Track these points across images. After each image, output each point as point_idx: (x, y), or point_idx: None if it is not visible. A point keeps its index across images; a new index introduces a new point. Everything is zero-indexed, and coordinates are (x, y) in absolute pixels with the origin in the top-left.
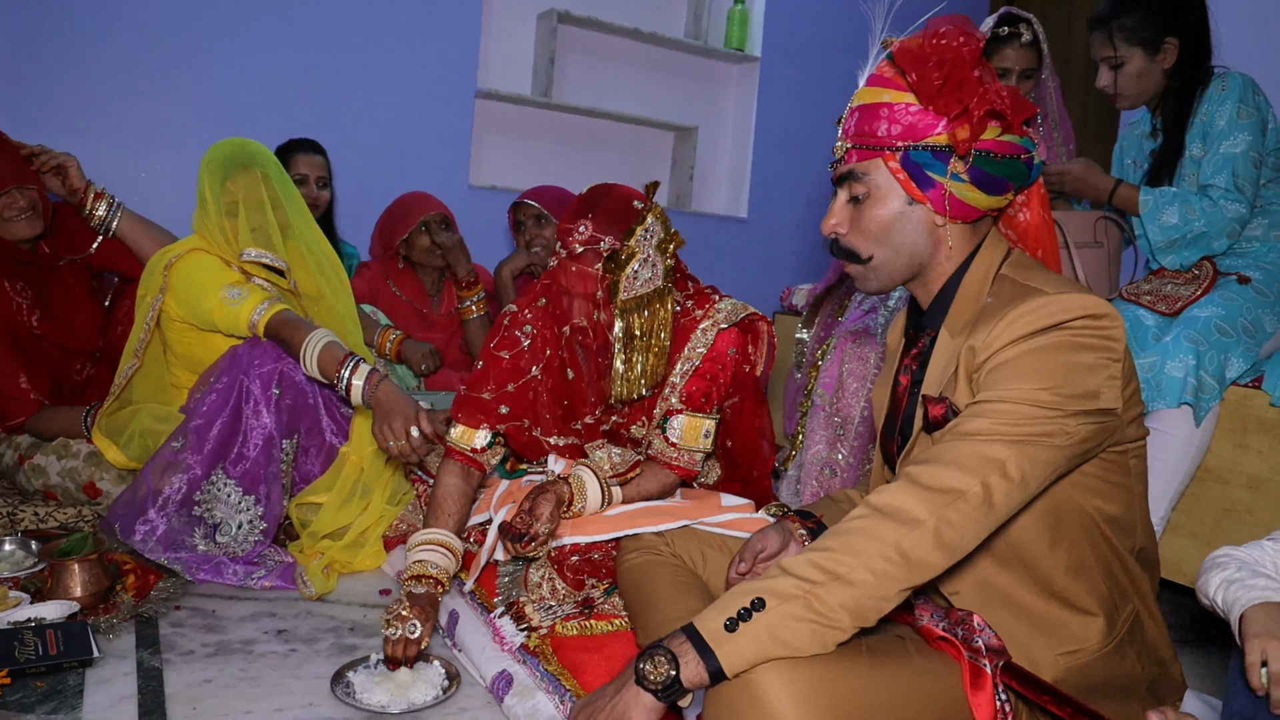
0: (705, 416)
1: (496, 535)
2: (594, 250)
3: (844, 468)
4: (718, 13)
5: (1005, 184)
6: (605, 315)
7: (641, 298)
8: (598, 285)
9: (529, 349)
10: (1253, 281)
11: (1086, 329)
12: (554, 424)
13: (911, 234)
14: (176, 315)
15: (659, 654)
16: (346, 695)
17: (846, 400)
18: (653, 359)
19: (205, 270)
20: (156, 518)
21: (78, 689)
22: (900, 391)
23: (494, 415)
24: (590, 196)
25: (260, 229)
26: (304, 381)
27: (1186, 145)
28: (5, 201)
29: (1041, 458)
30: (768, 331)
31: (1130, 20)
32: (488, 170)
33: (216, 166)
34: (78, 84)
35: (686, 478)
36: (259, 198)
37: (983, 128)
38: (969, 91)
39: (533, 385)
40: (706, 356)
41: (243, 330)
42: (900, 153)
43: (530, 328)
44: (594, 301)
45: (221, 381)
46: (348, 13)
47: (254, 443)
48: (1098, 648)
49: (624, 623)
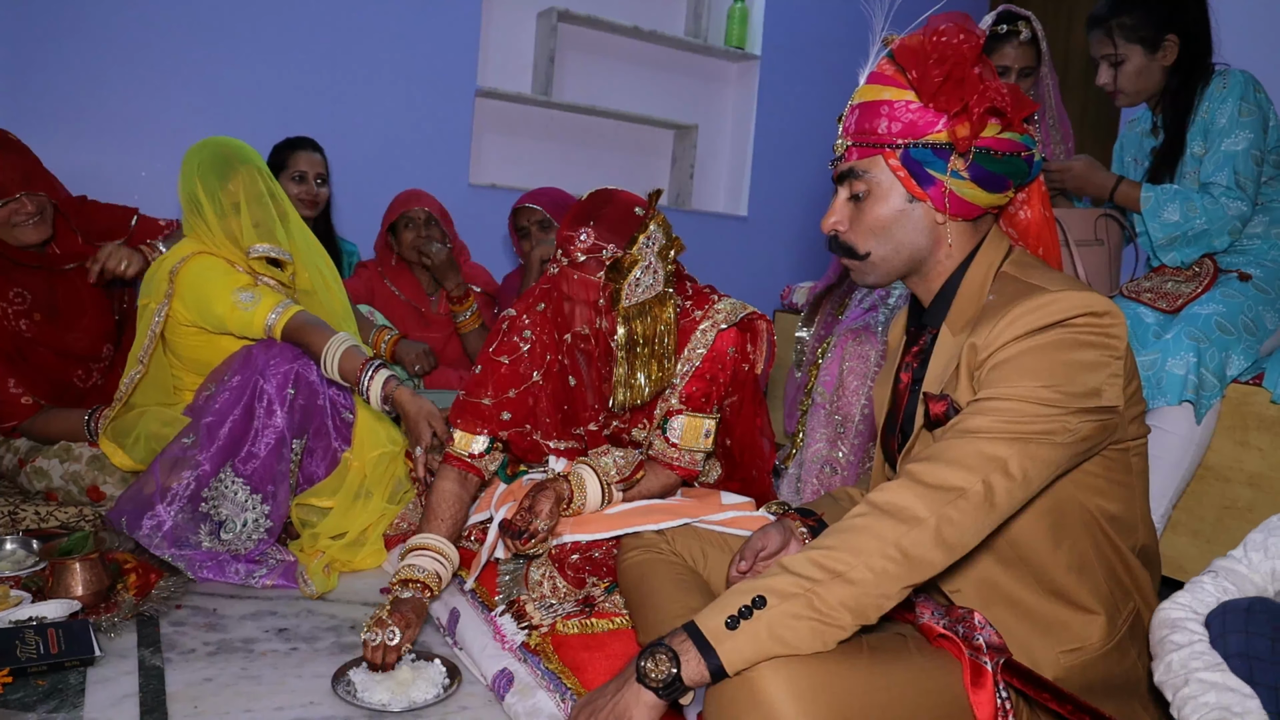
0: (705, 416)
1: (497, 533)
2: (596, 259)
3: (844, 466)
4: (718, 11)
5: (1005, 182)
6: (607, 322)
7: (643, 304)
8: (600, 293)
9: (529, 354)
10: (1253, 279)
11: (1088, 327)
12: (554, 428)
13: (911, 231)
14: (185, 320)
15: (660, 652)
16: (348, 694)
17: (847, 398)
18: (656, 365)
19: (212, 273)
20: (164, 513)
21: (79, 688)
22: (901, 389)
23: (495, 422)
24: (591, 204)
25: (263, 223)
26: (317, 382)
27: (1188, 143)
28: (13, 207)
29: (1043, 456)
30: (767, 330)
31: (1130, 18)
32: (488, 169)
33: (211, 168)
34: (79, 83)
35: (687, 478)
36: (259, 191)
37: (983, 125)
38: (969, 89)
39: (533, 391)
40: (706, 357)
41: (257, 333)
42: (900, 150)
43: (530, 333)
44: (596, 309)
45: (235, 380)
46: (348, 11)
47: (265, 441)
48: (1099, 646)
49: (625, 621)
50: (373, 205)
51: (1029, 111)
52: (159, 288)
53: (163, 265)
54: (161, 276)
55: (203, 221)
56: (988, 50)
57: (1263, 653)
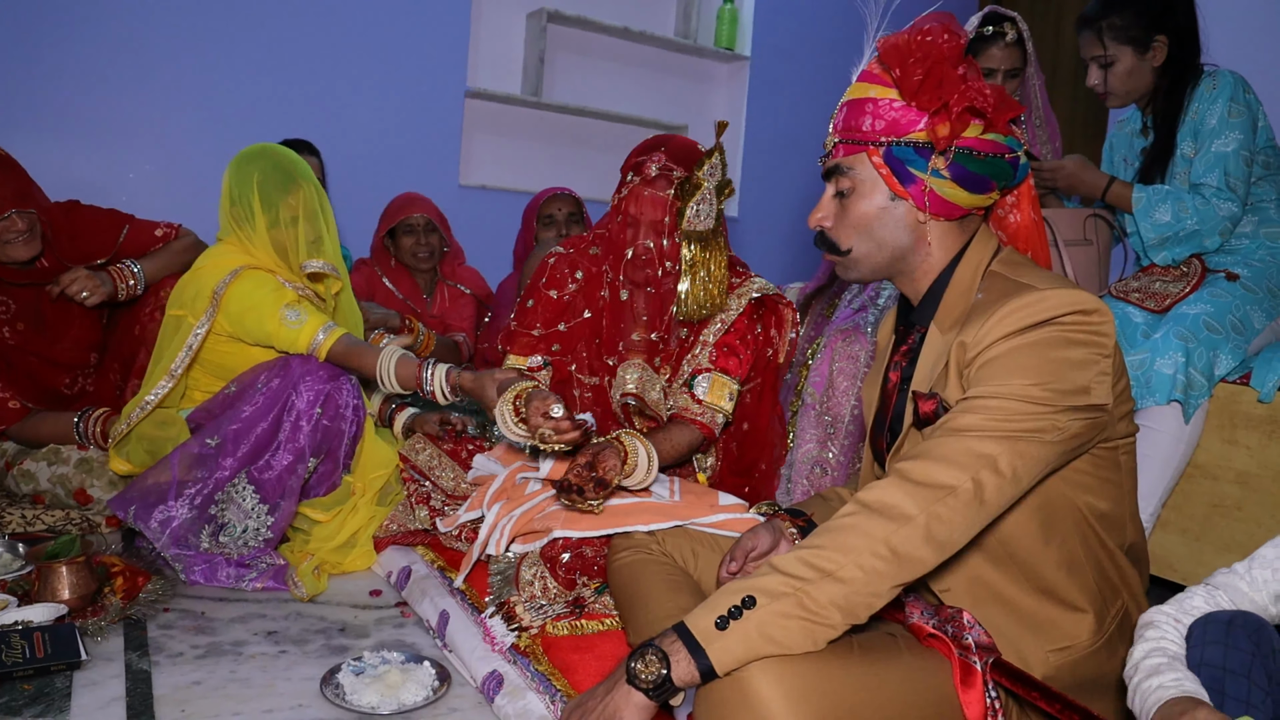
0: (731, 379)
1: (488, 532)
2: (667, 177)
3: (835, 466)
4: (707, 12)
5: (988, 183)
6: (670, 244)
7: (701, 232)
8: (667, 211)
9: (579, 291)
10: (1241, 278)
11: (1077, 325)
12: (589, 361)
13: (893, 229)
14: (226, 332)
15: (650, 653)
16: (336, 696)
17: (837, 399)
18: (714, 286)
19: (262, 291)
20: (175, 508)
21: (65, 692)
22: (890, 388)
23: (545, 353)
24: (658, 138)
25: (317, 240)
26: (344, 407)
27: (1178, 143)
28: (4, 225)
29: (1032, 453)
30: (791, 319)
31: (1119, 19)
32: (478, 170)
33: (272, 179)
34: (65, 85)
35: (708, 436)
36: (314, 209)
37: (963, 124)
38: (949, 88)
39: (581, 326)
40: (739, 320)
41: (301, 351)
42: (884, 148)
43: (581, 272)
44: (660, 229)
45: (267, 390)
46: (336, 13)
47: (285, 455)
48: (1088, 644)
49: (615, 622)
50: (363, 207)
51: (1014, 114)
52: (199, 304)
53: (201, 279)
54: (203, 293)
55: (250, 229)
56: (974, 52)
57: (1238, 667)
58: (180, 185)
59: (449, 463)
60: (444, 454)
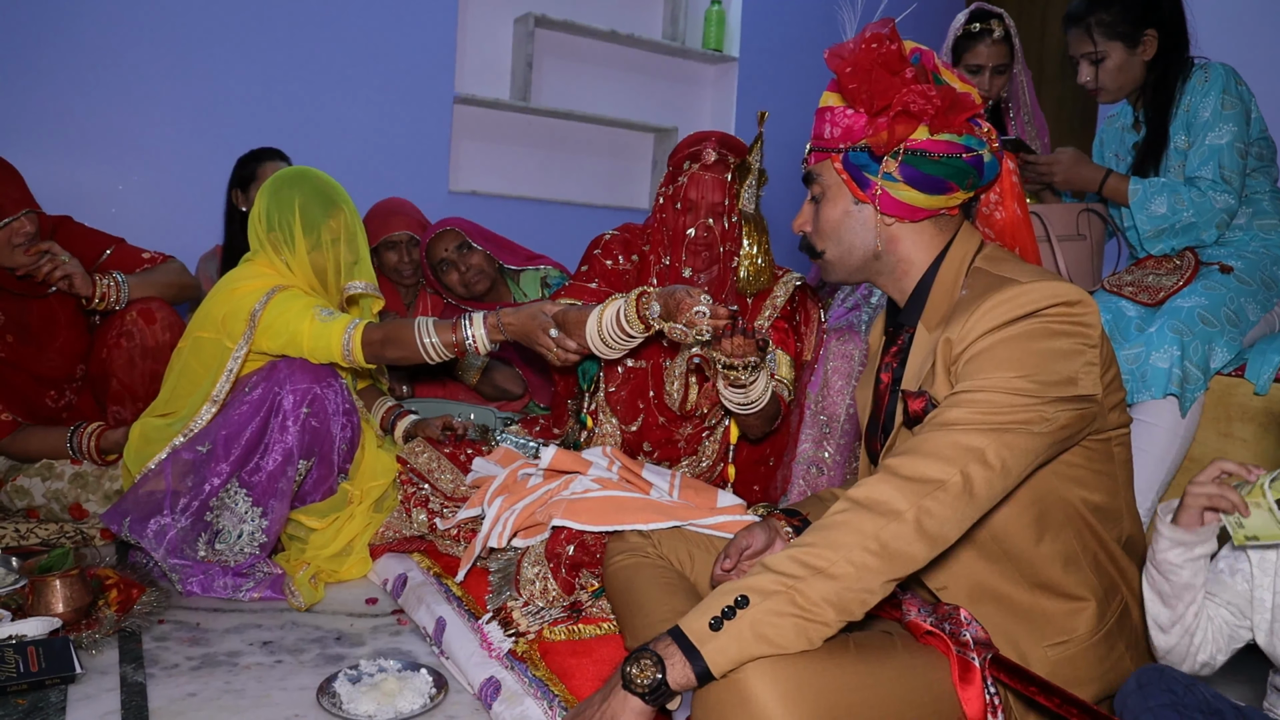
0: (788, 357)
1: (488, 530)
2: (724, 161)
3: (831, 466)
4: (695, 14)
5: (945, 184)
6: (730, 224)
7: (749, 214)
8: (726, 194)
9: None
10: (1235, 271)
11: (1061, 316)
12: None
13: (860, 232)
14: (260, 350)
15: (645, 657)
16: (333, 706)
17: (832, 398)
18: (764, 261)
19: (295, 303)
20: (170, 519)
21: (60, 705)
22: (882, 389)
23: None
24: (700, 133)
25: (356, 262)
26: (333, 412)
27: (1171, 136)
28: (14, 227)
29: (1021, 445)
30: (818, 318)
31: (1108, 15)
32: (467, 175)
33: (315, 202)
34: (53, 97)
35: (784, 407)
36: (353, 231)
37: (904, 127)
38: (884, 93)
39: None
40: (784, 307)
41: (334, 344)
42: (842, 154)
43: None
44: (720, 211)
45: (255, 393)
46: (323, 19)
47: (274, 456)
48: (1086, 637)
49: (611, 626)
50: None
51: (968, 113)
52: (233, 325)
53: (236, 300)
54: (238, 314)
55: (289, 253)
56: (961, 48)
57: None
58: (169, 194)
59: (448, 465)
60: (443, 457)
